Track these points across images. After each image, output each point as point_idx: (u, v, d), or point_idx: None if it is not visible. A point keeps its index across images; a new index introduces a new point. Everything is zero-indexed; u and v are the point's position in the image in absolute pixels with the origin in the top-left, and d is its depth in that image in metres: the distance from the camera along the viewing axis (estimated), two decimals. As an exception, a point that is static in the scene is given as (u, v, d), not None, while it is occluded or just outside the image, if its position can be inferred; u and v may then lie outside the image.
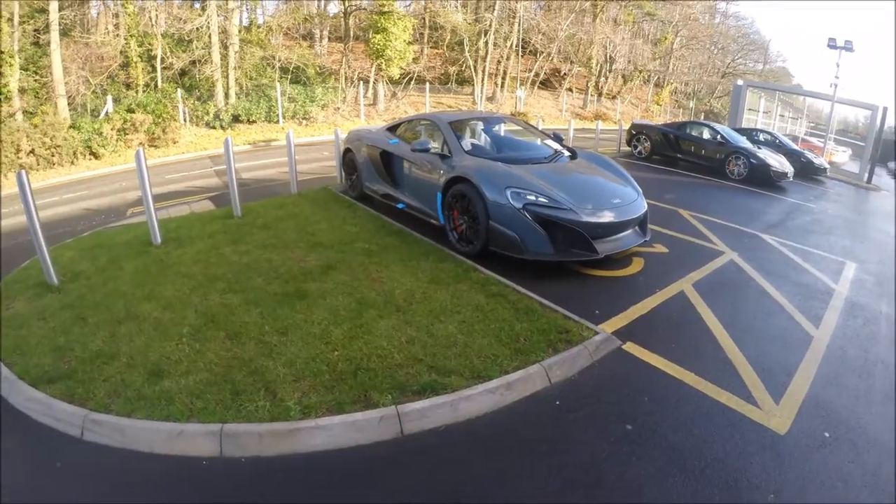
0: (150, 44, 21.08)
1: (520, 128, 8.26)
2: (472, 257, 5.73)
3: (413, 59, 26.27)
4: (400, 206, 7.16)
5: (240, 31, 23.04)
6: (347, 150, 8.49)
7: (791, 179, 14.16)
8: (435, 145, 6.71)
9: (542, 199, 5.40)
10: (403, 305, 4.59)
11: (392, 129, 7.96)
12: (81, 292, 5.09)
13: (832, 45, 20.83)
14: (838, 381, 4.15)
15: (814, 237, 8.67)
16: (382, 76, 24.69)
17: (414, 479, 2.94)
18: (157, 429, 3.18)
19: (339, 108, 23.55)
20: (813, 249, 7.76)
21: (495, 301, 4.70)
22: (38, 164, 15.40)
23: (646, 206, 6.20)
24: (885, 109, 20.14)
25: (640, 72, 41.53)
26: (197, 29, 20.86)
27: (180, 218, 7.81)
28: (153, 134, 17.99)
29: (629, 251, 6.18)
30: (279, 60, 23.66)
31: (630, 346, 4.29)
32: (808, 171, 16.79)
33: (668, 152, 15.39)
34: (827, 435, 3.43)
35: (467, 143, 6.87)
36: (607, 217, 5.63)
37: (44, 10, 18.11)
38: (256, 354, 3.85)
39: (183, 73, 22.21)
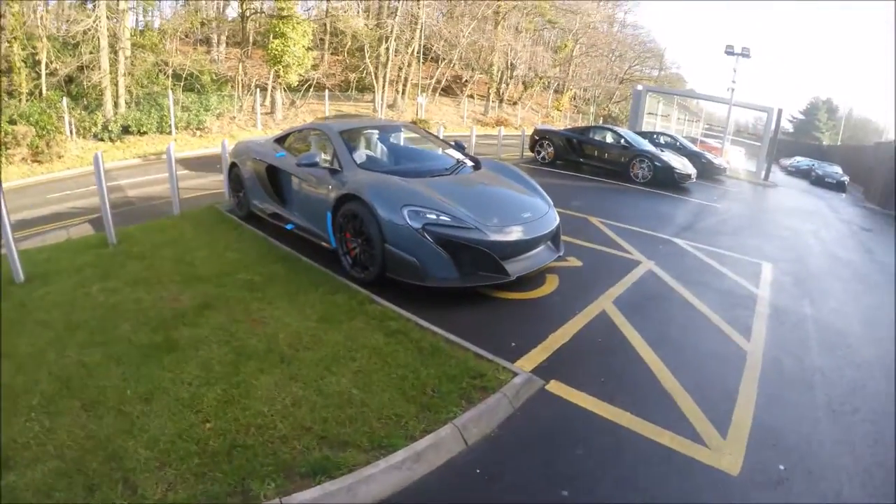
0: (33, 47, 18.90)
1: (419, 136, 7.65)
2: (367, 285, 5.03)
3: (312, 65, 25.37)
4: (289, 227, 6.35)
5: (132, 35, 21.26)
6: (233, 165, 7.58)
7: (694, 180, 14.45)
8: (325, 158, 5.98)
9: (443, 218, 4.83)
10: (289, 354, 3.81)
11: (280, 140, 7.14)
12: None
13: (730, 51, 21.97)
14: (781, 399, 3.91)
15: (725, 238, 8.70)
16: (280, 83, 23.61)
17: None
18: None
19: (234, 118, 22.22)
20: (727, 252, 7.74)
21: (396, 341, 4.02)
22: None
23: (558, 219, 5.78)
24: (779, 112, 21.45)
25: (541, 78, 42.51)
26: (85, 31, 18.94)
27: (52, 247, 6.72)
28: (37, 148, 16.07)
29: (543, 268, 5.69)
30: (172, 66, 21.89)
31: (554, 386, 3.75)
32: (709, 172, 17.43)
33: (571, 157, 15.40)
34: (782, 468, 3.12)
35: (361, 154, 6.17)
36: (517, 234, 5.15)
37: None
38: (115, 431, 2.98)
39: (70, 79, 19.98)
